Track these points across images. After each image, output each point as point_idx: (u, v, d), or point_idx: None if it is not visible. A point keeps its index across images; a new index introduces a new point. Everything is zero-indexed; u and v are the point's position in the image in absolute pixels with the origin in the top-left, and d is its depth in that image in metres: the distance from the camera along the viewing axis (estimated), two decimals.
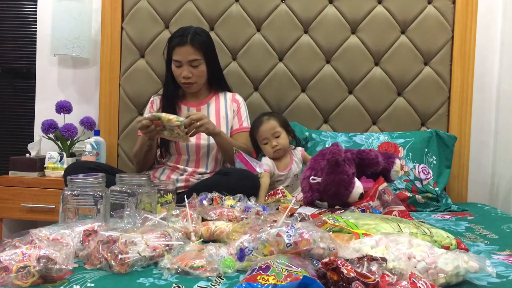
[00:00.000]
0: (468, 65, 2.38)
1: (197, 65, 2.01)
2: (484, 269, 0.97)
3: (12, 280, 0.92)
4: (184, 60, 1.99)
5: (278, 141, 2.00)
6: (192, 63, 2.00)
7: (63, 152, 2.38)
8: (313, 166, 1.69)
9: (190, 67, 2.00)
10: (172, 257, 1.06)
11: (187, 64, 2.00)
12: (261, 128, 2.01)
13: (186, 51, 1.99)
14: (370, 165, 1.70)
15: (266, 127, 2.01)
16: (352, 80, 2.43)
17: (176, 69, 2.03)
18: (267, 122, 2.02)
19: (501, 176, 2.40)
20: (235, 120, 2.14)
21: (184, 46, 1.98)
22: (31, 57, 2.73)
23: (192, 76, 2.01)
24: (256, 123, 2.06)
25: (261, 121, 2.03)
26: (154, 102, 2.17)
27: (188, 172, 2.04)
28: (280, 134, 2.01)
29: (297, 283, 0.82)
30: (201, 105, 2.12)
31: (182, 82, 2.04)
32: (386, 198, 1.62)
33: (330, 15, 2.43)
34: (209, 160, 2.08)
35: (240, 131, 2.13)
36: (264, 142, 2.02)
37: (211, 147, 2.06)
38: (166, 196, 1.61)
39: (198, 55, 2.00)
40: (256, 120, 2.08)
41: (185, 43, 1.98)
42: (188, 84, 2.04)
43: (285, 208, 1.42)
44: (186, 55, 1.99)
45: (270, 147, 2.01)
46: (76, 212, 1.31)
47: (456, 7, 2.38)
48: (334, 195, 1.61)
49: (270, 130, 2.00)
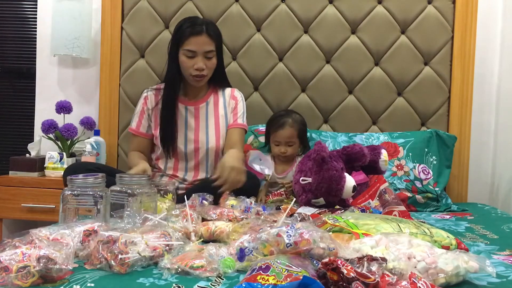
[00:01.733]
0: (468, 65, 2.38)
1: (211, 57, 1.91)
2: (484, 269, 0.97)
3: (12, 280, 0.92)
4: (200, 50, 1.87)
5: (288, 149, 2.01)
6: (207, 54, 1.89)
7: (63, 152, 2.37)
8: (301, 169, 1.70)
9: (204, 59, 1.89)
10: (172, 257, 1.06)
11: (202, 55, 1.88)
12: (280, 132, 2.01)
13: (202, 41, 1.87)
14: (357, 159, 1.70)
15: (284, 133, 2.01)
16: (352, 80, 2.43)
17: (188, 60, 1.89)
18: (288, 129, 2.00)
19: (501, 176, 2.40)
20: (231, 115, 2.04)
21: (200, 36, 1.86)
22: (31, 57, 2.73)
23: (206, 68, 1.90)
24: (278, 122, 2.03)
25: (283, 124, 2.01)
26: (149, 98, 2.03)
27: (188, 182, 1.97)
28: (293, 144, 2.02)
29: (297, 283, 0.82)
30: (199, 104, 2.02)
31: (194, 74, 1.90)
32: (386, 198, 1.62)
33: (330, 15, 2.43)
34: (208, 165, 2.00)
35: (234, 127, 2.01)
36: (276, 143, 2.03)
37: (210, 152, 1.98)
38: (166, 196, 1.61)
39: (213, 46, 1.89)
40: (279, 117, 2.05)
41: (201, 32, 1.87)
42: (201, 76, 1.91)
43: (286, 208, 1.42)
44: (202, 45, 1.87)
45: (279, 151, 2.02)
46: (76, 212, 1.31)
47: (456, 7, 2.38)
48: (327, 192, 1.61)
49: (286, 138, 2.01)
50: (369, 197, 1.67)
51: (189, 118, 1.99)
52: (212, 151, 1.98)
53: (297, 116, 2.08)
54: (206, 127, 2.00)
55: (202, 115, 2.01)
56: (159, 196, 1.57)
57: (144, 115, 2.03)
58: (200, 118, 2.00)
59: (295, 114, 2.08)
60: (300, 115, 2.10)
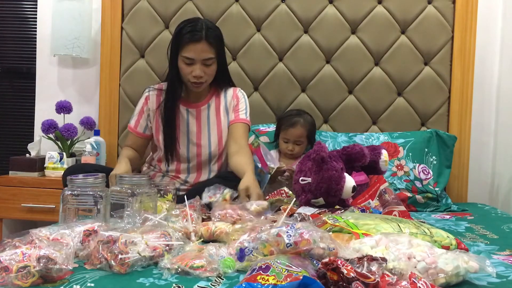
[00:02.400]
0: (468, 65, 2.38)
1: (210, 64, 1.84)
2: (484, 269, 0.97)
3: (12, 280, 0.92)
4: (198, 58, 1.81)
5: (296, 148, 2.08)
6: (206, 62, 1.82)
7: (63, 152, 2.37)
8: (301, 169, 1.69)
9: (202, 66, 1.82)
10: (172, 257, 1.06)
11: (200, 62, 1.82)
12: (290, 130, 2.07)
13: (201, 48, 1.80)
14: (357, 159, 1.70)
15: (294, 132, 2.07)
16: (352, 80, 2.43)
17: (186, 67, 1.84)
18: (299, 128, 2.06)
19: (501, 176, 2.40)
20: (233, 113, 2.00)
21: (199, 43, 1.79)
22: (31, 57, 2.73)
23: (204, 75, 1.84)
24: (291, 120, 2.09)
25: (295, 124, 2.07)
26: (150, 98, 1.99)
27: (189, 183, 1.96)
28: (301, 143, 2.08)
29: (297, 283, 0.82)
30: (201, 106, 1.99)
31: (192, 81, 1.86)
32: (386, 198, 1.62)
33: (330, 15, 2.43)
34: (210, 168, 1.98)
35: (236, 121, 1.97)
36: (285, 140, 2.09)
37: (212, 155, 1.96)
38: (166, 196, 1.61)
39: (212, 53, 1.82)
40: (292, 116, 2.11)
41: (200, 39, 1.79)
42: (199, 84, 1.87)
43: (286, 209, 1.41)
44: (200, 53, 1.80)
45: (286, 148, 2.08)
46: (76, 212, 1.31)
47: (456, 7, 2.39)
48: (326, 192, 1.60)
49: (296, 137, 2.07)
50: (369, 197, 1.67)
51: (190, 120, 1.97)
52: (215, 155, 1.97)
53: (309, 117, 2.15)
54: (208, 130, 1.97)
55: (204, 118, 1.98)
56: (159, 196, 1.57)
57: (143, 114, 2.01)
58: (202, 120, 1.98)
59: (307, 115, 2.15)
60: (311, 116, 2.16)
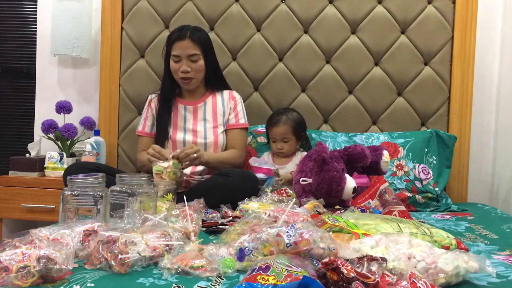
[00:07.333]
0: (468, 65, 2.38)
1: (196, 60, 2.03)
2: (484, 269, 0.97)
3: (12, 280, 0.92)
4: (183, 54, 2.01)
5: (284, 146, 2.11)
6: (191, 58, 2.02)
7: (63, 152, 2.37)
8: (302, 169, 1.69)
9: (189, 62, 2.02)
10: (172, 257, 1.06)
11: (186, 58, 2.02)
12: (274, 129, 2.13)
13: (185, 45, 2.01)
14: (358, 160, 1.70)
15: (278, 130, 2.11)
16: (352, 80, 2.43)
17: (175, 64, 2.05)
18: (282, 126, 2.10)
19: (501, 176, 2.40)
20: (231, 115, 2.13)
21: (183, 41, 2.01)
22: (31, 57, 2.73)
23: (191, 70, 2.03)
24: (273, 119, 2.15)
25: (277, 122, 2.12)
26: (153, 101, 2.18)
27: (186, 175, 2.01)
28: (288, 140, 2.11)
29: (297, 283, 0.82)
30: (197, 103, 2.12)
31: (181, 77, 2.05)
32: (386, 198, 1.62)
33: (330, 15, 2.43)
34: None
35: (236, 127, 2.12)
36: (273, 140, 2.15)
37: (208, 146, 2.06)
38: (166, 196, 1.61)
39: (197, 50, 2.02)
40: (275, 115, 2.16)
41: (185, 37, 2.01)
42: (187, 79, 2.05)
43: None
44: (185, 49, 2.01)
45: (276, 147, 2.13)
46: (76, 212, 1.31)
47: (456, 7, 2.38)
48: (327, 193, 1.60)
49: (280, 135, 2.11)
50: (369, 197, 1.67)
51: (187, 115, 2.12)
52: (211, 145, 2.06)
53: (294, 113, 2.17)
54: (204, 121, 2.10)
55: (201, 113, 2.12)
56: (159, 196, 1.57)
57: (149, 117, 2.17)
58: (199, 114, 2.11)
59: (292, 112, 2.17)
60: (297, 113, 2.18)
